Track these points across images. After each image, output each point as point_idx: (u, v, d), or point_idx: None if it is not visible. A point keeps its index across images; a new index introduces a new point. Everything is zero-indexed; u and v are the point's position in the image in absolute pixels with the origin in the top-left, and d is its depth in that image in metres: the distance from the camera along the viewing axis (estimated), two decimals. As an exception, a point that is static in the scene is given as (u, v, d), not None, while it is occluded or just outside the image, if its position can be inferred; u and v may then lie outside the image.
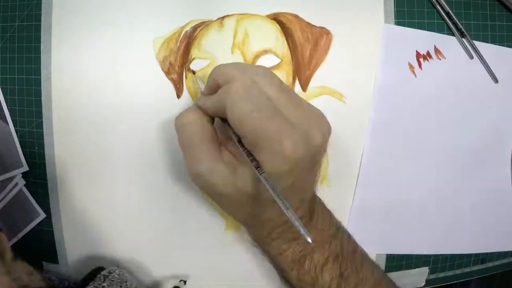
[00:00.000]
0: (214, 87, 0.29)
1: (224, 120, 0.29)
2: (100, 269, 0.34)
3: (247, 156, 0.26)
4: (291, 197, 0.27)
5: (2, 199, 0.40)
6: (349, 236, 0.33)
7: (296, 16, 0.36)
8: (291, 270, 0.31)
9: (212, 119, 0.30)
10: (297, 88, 0.37)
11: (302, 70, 0.37)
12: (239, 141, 0.27)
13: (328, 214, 0.33)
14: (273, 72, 0.29)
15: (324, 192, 0.38)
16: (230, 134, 0.28)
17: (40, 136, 0.38)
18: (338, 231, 0.32)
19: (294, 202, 0.28)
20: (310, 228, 0.30)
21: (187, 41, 0.37)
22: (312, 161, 0.27)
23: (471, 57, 0.38)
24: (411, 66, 0.37)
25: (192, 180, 0.29)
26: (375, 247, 0.39)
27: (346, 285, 0.30)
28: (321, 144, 0.27)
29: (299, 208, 0.29)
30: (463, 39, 0.37)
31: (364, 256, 0.33)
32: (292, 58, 0.37)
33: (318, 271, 0.30)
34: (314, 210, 0.31)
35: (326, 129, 0.28)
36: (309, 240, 0.23)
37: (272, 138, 0.25)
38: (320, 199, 0.33)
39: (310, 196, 0.30)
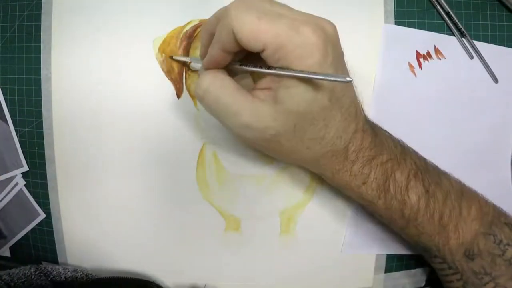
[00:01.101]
0: (209, 39, 0.28)
1: (235, 64, 0.28)
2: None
3: (273, 67, 0.25)
4: (349, 121, 0.28)
5: (2, 199, 0.40)
6: (415, 151, 0.32)
7: (296, 16, 0.36)
8: (378, 199, 0.29)
9: (226, 72, 0.29)
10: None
11: (302, 70, 0.37)
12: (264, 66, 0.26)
13: (388, 134, 0.32)
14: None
15: (324, 192, 0.38)
16: (250, 68, 0.27)
17: (40, 136, 0.38)
18: (404, 148, 0.31)
19: (352, 127, 0.28)
20: (374, 143, 0.29)
21: (187, 41, 0.37)
22: (336, 57, 0.26)
23: (471, 57, 0.38)
24: (411, 66, 0.37)
25: (242, 137, 0.28)
26: (375, 247, 0.39)
27: (434, 202, 0.29)
28: (335, 34, 0.26)
29: (359, 131, 0.28)
30: (463, 39, 0.37)
31: (436, 168, 0.32)
32: (292, 58, 0.37)
33: (404, 193, 0.29)
34: (374, 129, 0.30)
35: (331, 23, 0.27)
36: (348, 78, 0.23)
37: (289, 32, 0.24)
38: (374, 123, 0.32)
39: (364, 118, 0.30)
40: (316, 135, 0.27)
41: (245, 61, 0.29)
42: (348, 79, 0.23)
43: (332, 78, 0.24)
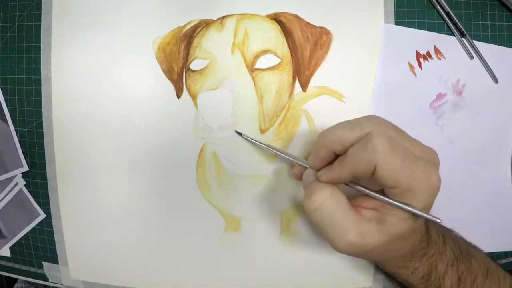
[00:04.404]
0: (328, 155, 0.30)
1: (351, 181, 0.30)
2: None
3: (397, 202, 0.27)
4: (420, 234, 0.31)
5: (2, 199, 0.40)
6: (452, 236, 0.35)
7: (296, 16, 0.36)
8: (420, 284, 0.34)
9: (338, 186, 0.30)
10: (297, 88, 0.37)
11: (302, 70, 0.37)
12: (380, 192, 0.28)
13: (433, 227, 0.34)
14: (274, 71, 0.28)
15: (324, 192, 0.38)
16: (367, 192, 0.29)
17: (40, 136, 0.38)
18: (445, 237, 0.34)
19: (419, 237, 0.31)
20: (428, 242, 0.33)
21: (187, 41, 0.37)
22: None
23: (471, 57, 0.38)
24: (411, 66, 0.37)
25: (343, 251, 0.29)
26: (375, 247, 0.39)
27: (464, 286, 0.33)
28: (439, 164, 0.29)
29: (423, 239, 0.32)
30: (463, 39, 0.37)
31: (468, 250, 0.35)
32: (292, 58, 0.37)
33: (441, 280, 0.33)
34: (428, 229, 0.33)
35: (434, 150, 0.29)
36: (439, 220, 0.27)
37: (423, 178, 0.26)
38: None
39: (424, 223, 0.32)
40: (398, 247, 0.30)
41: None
42: (439, 220, 0.27)
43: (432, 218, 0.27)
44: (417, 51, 0.37)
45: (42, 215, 0.40)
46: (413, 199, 0.27)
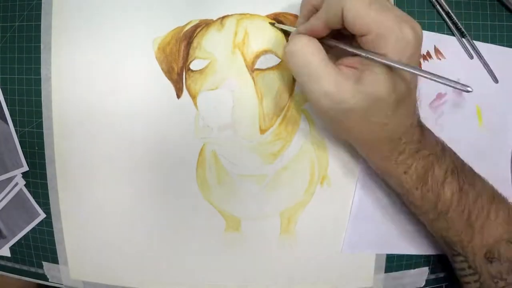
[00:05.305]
0: (310, 10, 0.31)
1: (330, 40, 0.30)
2: None
3: (371, 52, 0.27)
4: (410, 116, 0.30)
5: (2, 199, 0.40)
6: (454, 152, 0.34)
7: (296, 16, 0.36)
8: (416, 190, 0.32)
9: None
10: (297, 88, 0.37)
11: (302, 70, 0.37)
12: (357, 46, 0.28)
13: (431, 133, 0.33)
14: (274, 71, 0.29)
15: (324, 192, 0.38)
16: (345, 47, 0.29)
17: (40, 136, 0.38)
18: (444, 147, 0.33)
19: (409, 121, 0.30)
20: (421, 139, 0.31)
21: (187, 41, 0.37)
22: (419, 53, 0.28)
23: (471, 57, 0.38)
24: (411, 66, 0.37)
25: (318, 104, 0.29)
26: (375, 247, 0.39)
27: (466, 200, 0.31)
28: (421, 36, 0.28)
29: (413, 126, 0.31)
30: (463, 39, 0.37)
31: (472, 170, 0.33)
32: (292, 58, 0.37)
33: (440, 187, 0.31)
34: (422, 127, 0.32)
35: (419, 26, 0.28)
36: (469, 89, 0.26)
37: (394, 25, 0.26)
38: (421, 121, 0.33)
39: (418, 116, 0.32)
40: (382, 120, 0.29)
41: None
42: (469, 89, 0.26)
43: (452, 84, 0.26)
44: (417, 51, 0.37)
45: (42, 215, 0.40)
46: (387, 49, 0.26)
